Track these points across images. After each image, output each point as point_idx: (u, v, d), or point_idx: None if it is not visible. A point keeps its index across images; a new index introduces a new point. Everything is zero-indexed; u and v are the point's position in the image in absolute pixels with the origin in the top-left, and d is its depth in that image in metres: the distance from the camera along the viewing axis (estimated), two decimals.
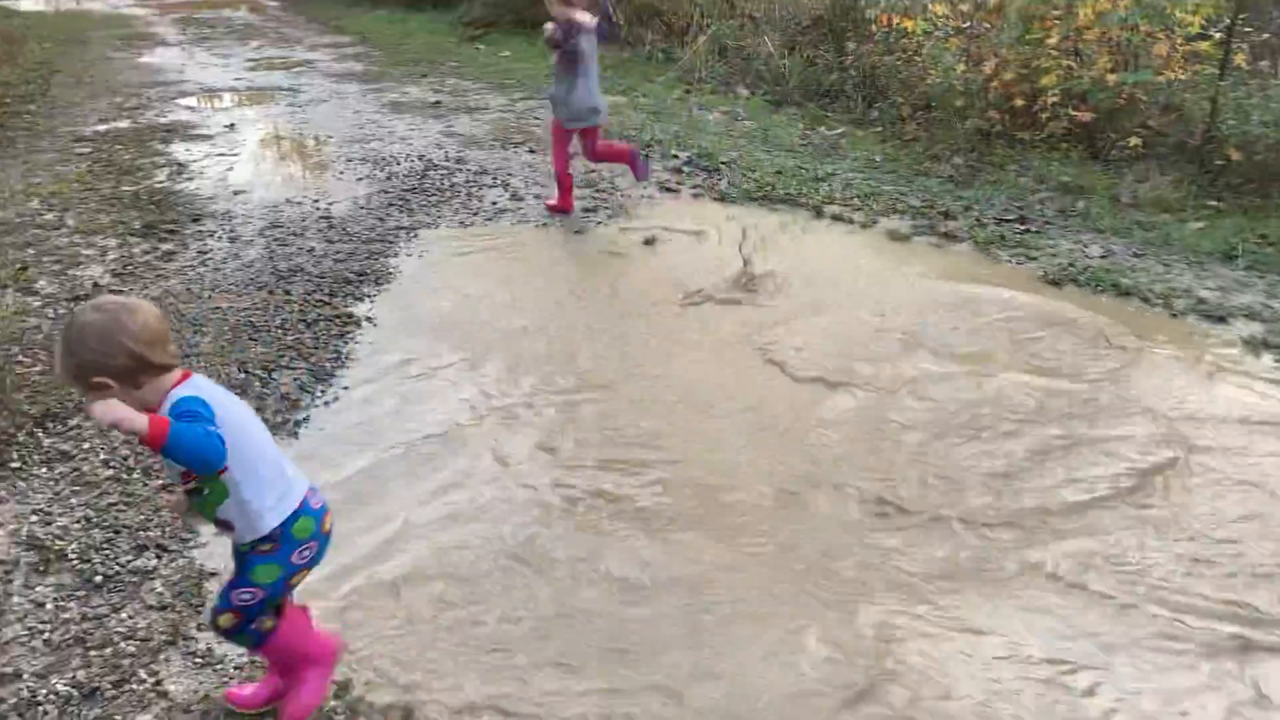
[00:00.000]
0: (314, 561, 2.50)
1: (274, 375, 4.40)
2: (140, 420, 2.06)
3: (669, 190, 7.05)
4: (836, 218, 6.45)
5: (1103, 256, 5.83)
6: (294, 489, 2.43)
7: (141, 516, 3.40)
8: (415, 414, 4.14)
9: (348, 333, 4.87)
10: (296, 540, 2.42)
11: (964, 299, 5.23)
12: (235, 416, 2.31)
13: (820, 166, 7.47)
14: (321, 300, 5.20)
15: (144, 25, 14.58)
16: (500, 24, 13.61)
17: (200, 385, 2.29)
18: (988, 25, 7.93)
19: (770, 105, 9.42)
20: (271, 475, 2.37)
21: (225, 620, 2.47)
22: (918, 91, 8.30)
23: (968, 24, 7.98)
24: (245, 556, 2.44)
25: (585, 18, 6.08)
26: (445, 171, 7.43)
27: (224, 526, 2.39)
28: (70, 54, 12.16)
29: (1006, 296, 5.25)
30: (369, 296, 5.30)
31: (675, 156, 7.79)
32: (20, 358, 4.54)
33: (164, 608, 3.00)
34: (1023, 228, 6.23)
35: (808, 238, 6.14)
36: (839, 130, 8.51)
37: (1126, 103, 7.27)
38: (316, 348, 4.68)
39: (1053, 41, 7.44)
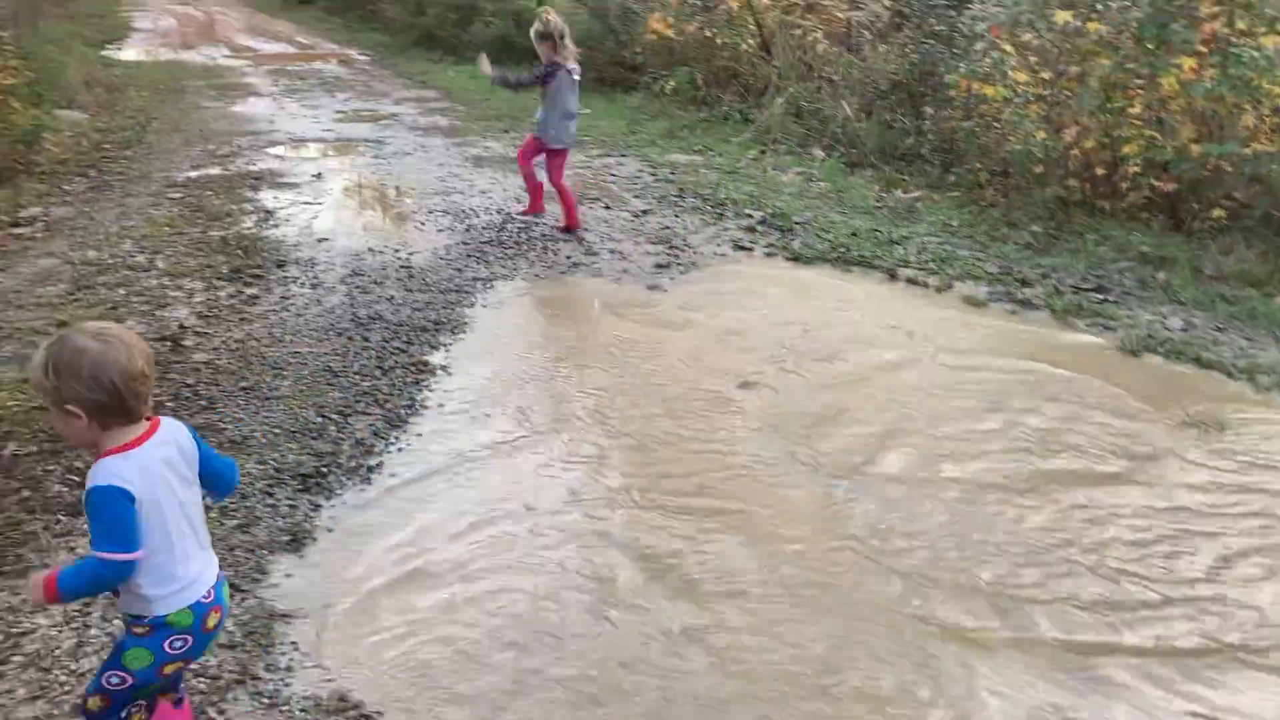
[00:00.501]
0: (190, 654, 2.44)
1: (350, 420, 4.49)
2: (36, 594, 2.23)
3: (742, 248, 7.09)
4: (911, 281, 6.43)
5: (1184, 329, 5.72)
6: (192, 586, 2.38)
7: (217, 555, 3.46)
8: (485, 465, 4.18)
9: (423, 380, 4.95)
10: (169, 628, 2.36)
11: (1042, 370, 5.16)
12: (156, 501, 2.29)
13: (895, 229, 7.46)
14: (398, 348, 5.29)
15: (238, 76, 15.08)
16: (582, 82, 13.82)
17: (139, 460, 2.26)
18: (1068, 93, 7.88)
19: (846, 167, 9.44)
20: (171, 568, 2.34)
21: (93, 703, 2.44)
22: (996, 157, 8.26)
23: (1048, 91, 7.94)
24: (122, 638, 2.43)
25: (569, 62, 7.32)
26: (522, 225, 7.55)
27: (113, 590, 2.37)
28: (167, 102, 12.60)
29: (1085, 365, 5.18)
30: (444, 345, 5.39)
31: (749, 215, 7.83)
32: None
33: (233, 647, 3.05)
34: (1101, 297, 6.15)
35: (881, 301, 6.12)
36: (915, 194, 8.50)
37: (1211, 174, 7.16)
38: (392, 394, 4.76)
39: (1135, 111, 7.38)
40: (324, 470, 4.06)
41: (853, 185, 8.85)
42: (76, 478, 3.95)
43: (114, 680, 2.40)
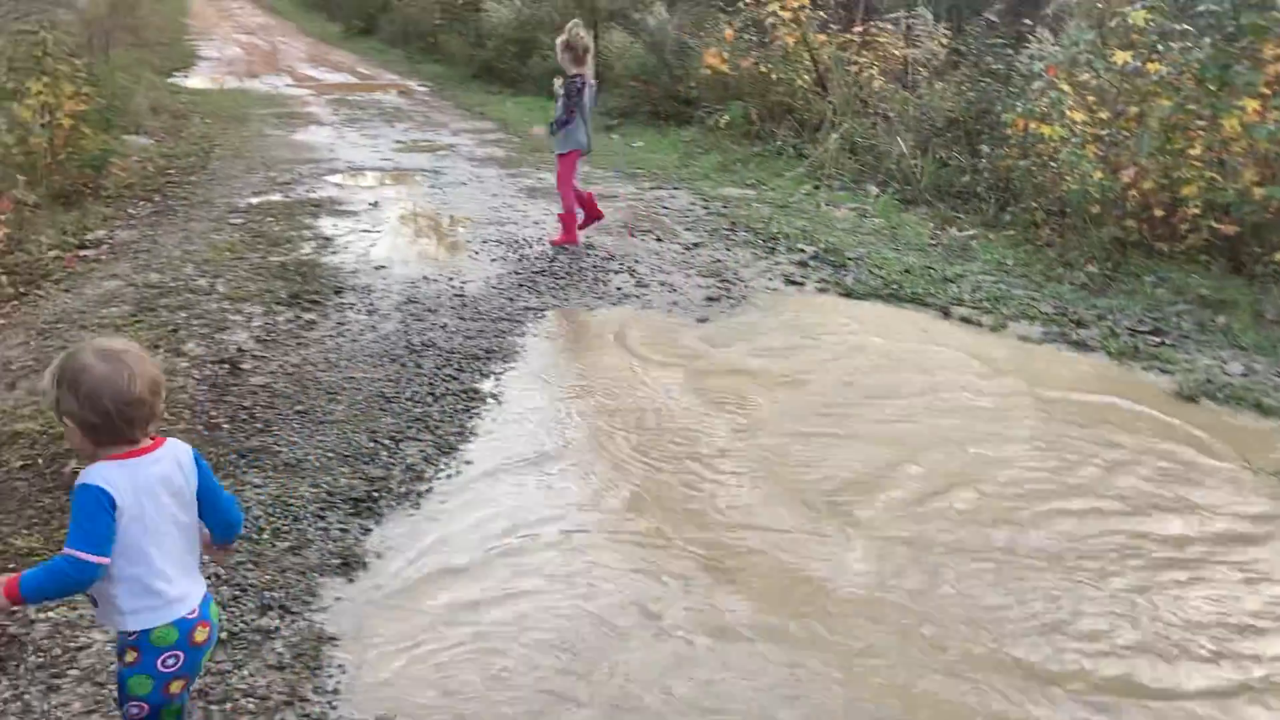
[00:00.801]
0: (187, 669, 2.44)
1: (401, 446, 4.54)
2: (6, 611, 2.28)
3: (794, 283, 7.08)
4: (965, 320, 6.38)
5: (1244, 374, 5.63)
6: (173, 605, 2.38)
7: (268, 577, 3.52)
8: (532, 494, 4.20)
9: (473, 408, 5.00)
10: (156, 648, 2.37)
11: (1096, 413, 5.10)
12: (141, 514, 2.31)
13: (949, 267, 7.42)
14: (450, 375, 5.35)
15: (300, 105, 15.39)
16: (635, 115, 13.96)
17: (132, 471, 2.30)
18: (1127, 133, 7.82)
19: (900, 204, 9.42)
20: (149, 582, 2.34)
21: None
22: (1052, 196, 8.20)
23: (1106, 131, 7.88)
24: (119, 670, 2.45)
25: (588, 74, 7.81)
26: (574, 256, 7.61)
27: (90, 600, 2.40)
28: (230, 130, 12.88)
29: (1140, 411, 5.11)
30: (495, 374, 5.43)
31: (801, 250, 7.83)
32: (167, 416, 4.76)
33: (283, 668, 3.08)
34: (1158, 340, 6.06)
35: (933, 340, 6.09)
36: (970, 232, 8.45)
37: (1274, 217, 7.06)
38: (443, 421, 4.81)
39: (1195, 152, 7.30)
40: (375, 495, 4.11)
41: (907, 222, 8.83)
42: None
43: (134, 711, 2.44)
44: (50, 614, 3.22)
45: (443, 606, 3.43)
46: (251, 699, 2.94)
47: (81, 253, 7.39)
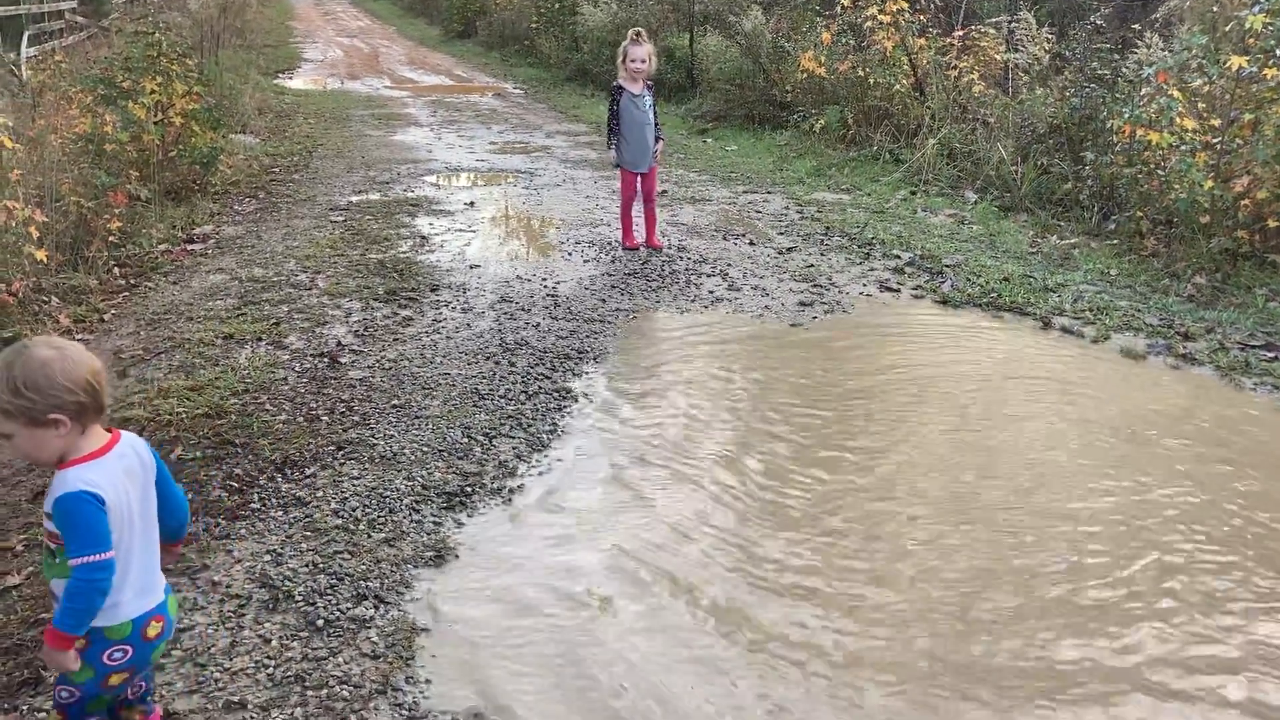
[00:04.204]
0: (134, 663, 2.44)
1: (494, 442, 4.58)
2: (51, 656, 2.31)
3: (889, 290, 6.99)
4: (1066, 330, 6.22)
5: None
6: (131, 604, 2.39)
7: (364, 567, 3.57)
8: (623, 493, 4.21)
9: (565, 406, 5.02)
10: (107, 641, 2.37)
11: (1207, 431, 4.93)
12: (120, 510, 2.33)
13: (1050, 276, 7.25)
14: (543, 374, 5.38)
15: (399, 106, 15.68)
16: (730, 119, 13.92)
17: (105, 468, 2.32)
18: (1240, 141, 7.55)
19: (999, 211, 9.23)
20: (118, 580, 2.33)
21: (53, 718, 2.48)
22: (1159, 205, 7.95)
23: (1218, 139, 7.62)
24: None
25: (629, 85, 7.68)
26: (666, 259, 7.61)
27: (54, 596, 2.39)
28: (332, 130, 13.18)
29: (1253, 428, 4.93)
30: (587, 374, 5.45)
31: (897, 256, 7.72)
32: (268, 406, 4.89)
33: (376, 657, 3.12)
34: (1271, 355, 5.83)
35: (1034, 351, 5.95)
36: (1072, 240, 8.25)
37: None
38: (535, 419, 4.84)
39: None
40: (468, 489, 4.15)
41: (1006, 229, 8.65)
42: (237, 483, 4.14)
43: (63, 695, 2.44)
44: None
45: (534, 602, 3.45)
46: (346, 686, 2.98)
47: (189, 246, 7.62)
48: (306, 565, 3.57)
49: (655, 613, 3.42)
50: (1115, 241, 8.15)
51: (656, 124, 7.80)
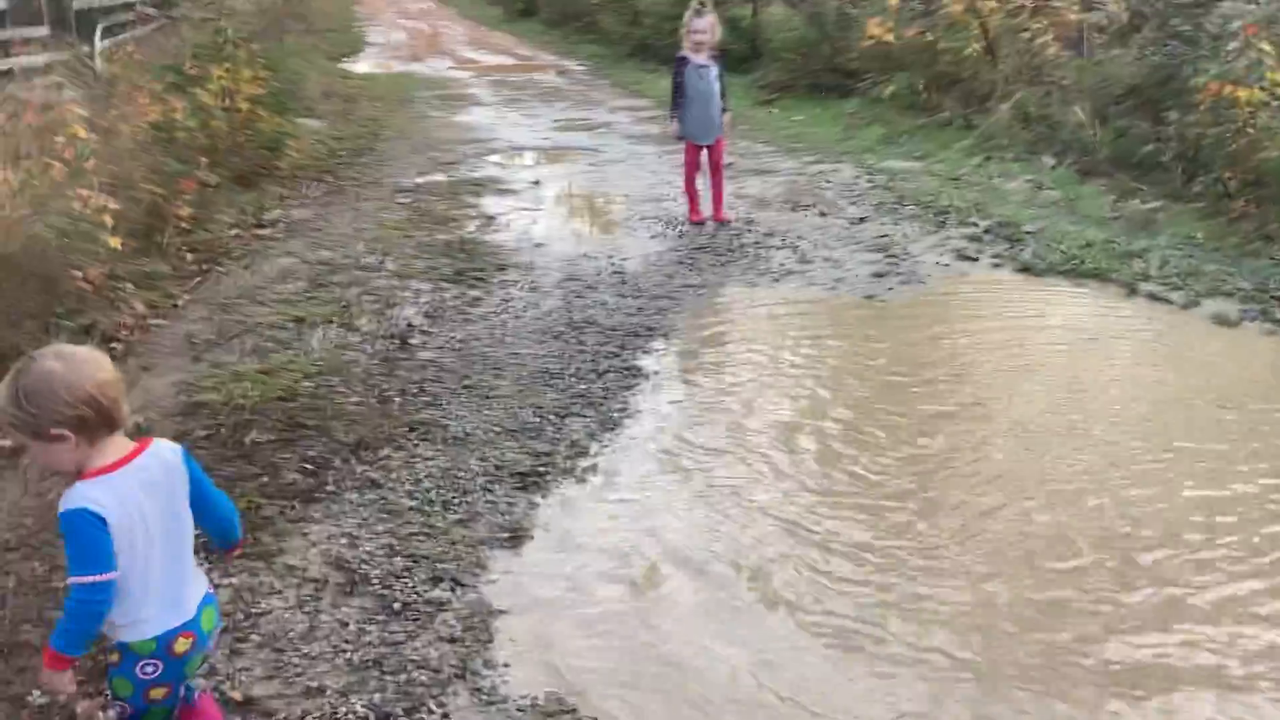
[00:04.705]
0: (168, 678, 2.34)
1: (565, 421, 4.52)
2: (48, 678, 2.28)
3: (967, 259, 6.79)
4: (1153, 296, 6.00)
5: None
6: (155, 620, 2.28)
7: (439, 549, 3.53)
8: (696, 474, 4.12)
9: (635, 385, 4.95)
10: (135, 655, 2.29)
11: None
12: (131, 528, 2.21)
13: (1133, 241, 6.99)
14: (612, 352, 5.31)
15: (462, 87, 15.67)
16: (795, 88, 13.68)
17: (115, 484, 2.21)
18: None
19: (1077, 175, 8.95)
20: (138, 596, 2.25)
21: None
22: (1248, 166, 7.62)
23: None
24: (107, 668, 2.38)
25: (693, 55, 7.60)
26: (734, 232, 7.49)
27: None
28: (396, 112, 13.21)
29: None
30: (656, 351, 5.37)
31: (974, 224, 7.51)
32: (340, 388, 4.88)
33: (454, 640, 3.08)
34: None
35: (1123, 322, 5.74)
36: (1154, 204, 7.96)
37: None
38: (606, 398, 4.77)
39: None
40: (541, 470, 4.10)
41: (1085, 194, 8.38)
42: (311, 465, 4.13)
43: (117, 711, 2.41)
44: (232, 580, 3.31)
45: (612, 583, 3.39)
46: (425, 670, 2.94)
47: (259, 231, 7.67)
48: (383, 548, 3.54)
49: (726, 596, 3.33)
50: (1200, 204, 7.85)
51: (723, 95, 7.66)
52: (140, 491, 2.27)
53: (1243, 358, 5.17)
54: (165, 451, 2.36)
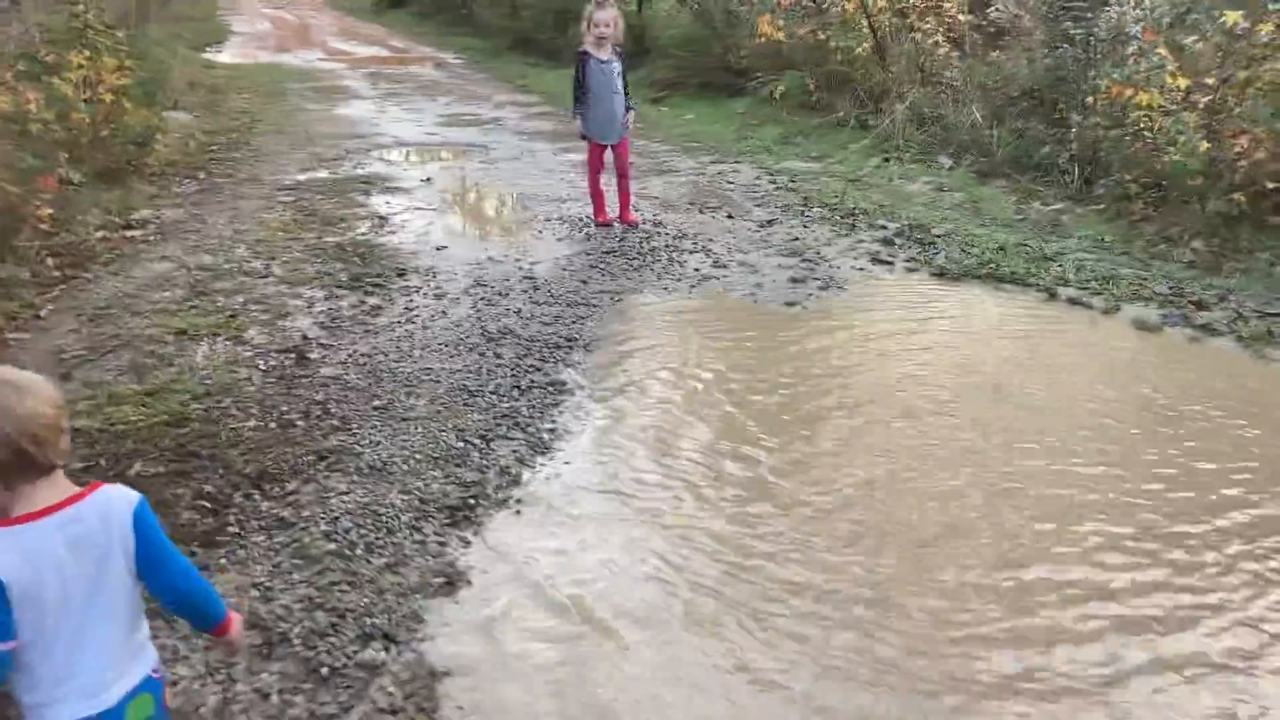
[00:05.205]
0: None
1: (492, 445, 4.15)
2: None
3: (881, 262, 6.64)
4: (1073, 301, 5.93)
5: None
6: (65, 706, 1.91)
7: (366, 600, 3.14)
8: (636, 501, 3.81)
9: (562, 402, 4.61)
10: None
11: (1244, 409, 4.66)
12: (40, 592, 1.85)
13: (1045, 244, 6.95)
14: (533, 365, 4.95)
15: (336, 79, 14.98)
16: (685, 86, 13.47)
17: (25, 540, 1.85)
18: (1232, 100, 7.31)
19: (976, 177, 8.93)
20: (45, 674, 1.90)
21: None
22: (1146, 168, 7.69)
23: (1207, 98, 7.37)
24: None
25: (595, 51, 7.17)
26: (643, 235, 7.20)
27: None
28: (269, 105, 12.49)
29: None
30: (578, 364, 5.03)
31: (883, 227, 7.38)
32: (234, 411, 4.41)
33: (394, 711, 2.71)
34: None
35: (1050, 326, 5.65)
36: (1056, 206, 7.97)
37: None
38: (532, 417, 4.42)
39: None
40: (471, 502, 3.73)
41: (987, 196, 8.35)
42: (209, 502, 3.67)
43: None
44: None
45: (558, 633, 3.05)
46: None
47: (128, 233, 7.03)
48: (301, 600, 3.13)
49: (676, 646, 3.04)
50: (1100, 206, 7.89)
51: (626, 93, 7.34)
52: (64, 548, 1.87)
53: (1169, 363, 5.12)
54: (112, 502, 1.95)
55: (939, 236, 7.11)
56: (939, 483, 3.93)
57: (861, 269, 6.54)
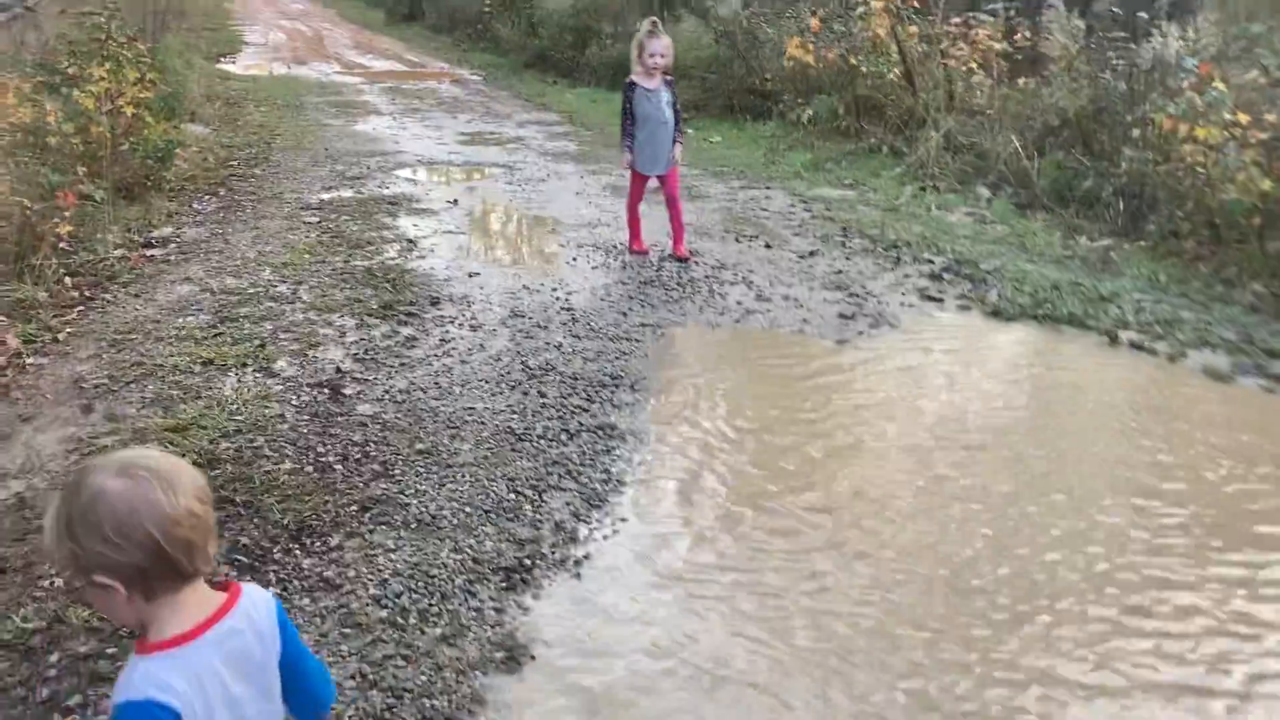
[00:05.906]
0: None
1: (544, 497, 3.89)
2: None
3: (931, 299, 6.39)
4: (1136, 346, 5.68)
5: None
6: None
7: (423, 677, 2.87)
8: (700, 557, 3.55)
9: (613, 448, 4.34)
10: None
11: None
12: None
13: (1099, 283, 6.69)
14: (579, 406, 4.70)
15: (354, 93, 14.77)
16: (709, 108, 13.25)
17: (190, 663, 1.57)
18: None
19: (1016, 209, 8.70)
20: None
21: None
22: (1198, 205, 7.44)
23: (1266, 134, 7.13)
24: None
25: (643, 80, 6.93)
26: (682, 265, 6.94)
27: None
28: (287, 119, 12.26)
29: None
30: (627, 405, 4.77)
31: (929, 261, 7.13)
32: (267, 452, 4.15)
33: None
34: None
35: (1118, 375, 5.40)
36: (1104, 242, 7.73)
37: None
38: (584, 465, 4.16)
39: None
40: (527, 562, 3.46)
41: (1031, 230, 8.10)
42: (245, 557, 3.40)
43: None
44: None
45: (629, 708, 2.79)
46: None
47: (148, 252, 6.79)
48: (353, 677, 2.86)
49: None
50: (1148, 243, 7.65)
51: (678, 122, 7.10)
52: (226, 669, 1.60)
53: (1251, 417, 4.86)
54: (255, 604, 1.68)
55: (988, 272, 6.85)
56: (1025, 540, 3.67)
57: (911, 305, 6.29)
